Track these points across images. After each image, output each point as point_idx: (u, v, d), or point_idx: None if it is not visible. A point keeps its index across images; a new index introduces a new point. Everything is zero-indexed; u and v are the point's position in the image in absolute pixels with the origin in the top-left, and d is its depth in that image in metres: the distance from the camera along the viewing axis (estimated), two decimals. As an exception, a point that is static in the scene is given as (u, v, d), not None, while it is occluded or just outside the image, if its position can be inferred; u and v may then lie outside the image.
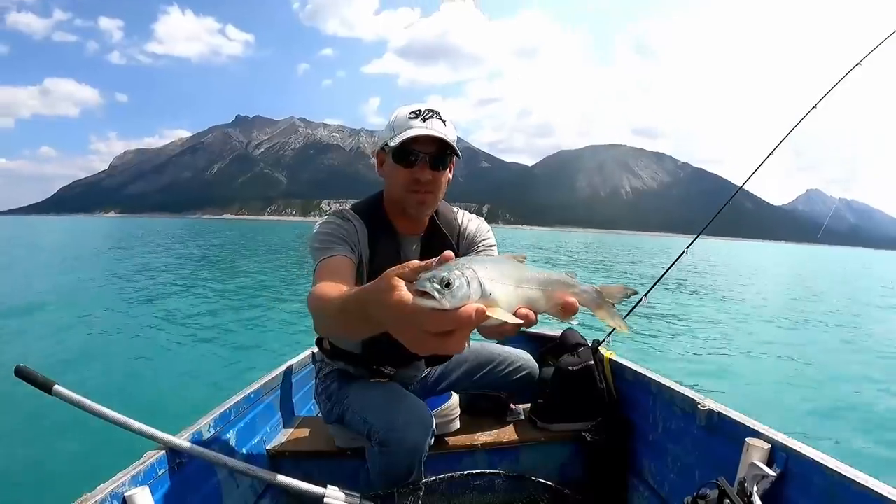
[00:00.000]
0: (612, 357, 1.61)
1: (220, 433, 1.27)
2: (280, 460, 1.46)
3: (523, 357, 1.61)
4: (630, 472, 1.47)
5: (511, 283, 0.54)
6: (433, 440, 1.22)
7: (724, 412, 1.12)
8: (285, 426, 1.64)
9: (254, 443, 1.44)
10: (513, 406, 1.64)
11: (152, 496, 0.95)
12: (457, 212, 1.41)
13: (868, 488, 0.77)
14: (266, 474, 1.14)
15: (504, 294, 0.52)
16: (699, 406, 1.18)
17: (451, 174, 1.28)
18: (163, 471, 1.03)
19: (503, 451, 1.50)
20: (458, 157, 1.23)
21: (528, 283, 0.56)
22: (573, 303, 0.58)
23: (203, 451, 1.10)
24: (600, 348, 1.67)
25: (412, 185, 1.19)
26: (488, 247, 1.36)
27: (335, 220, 1.22)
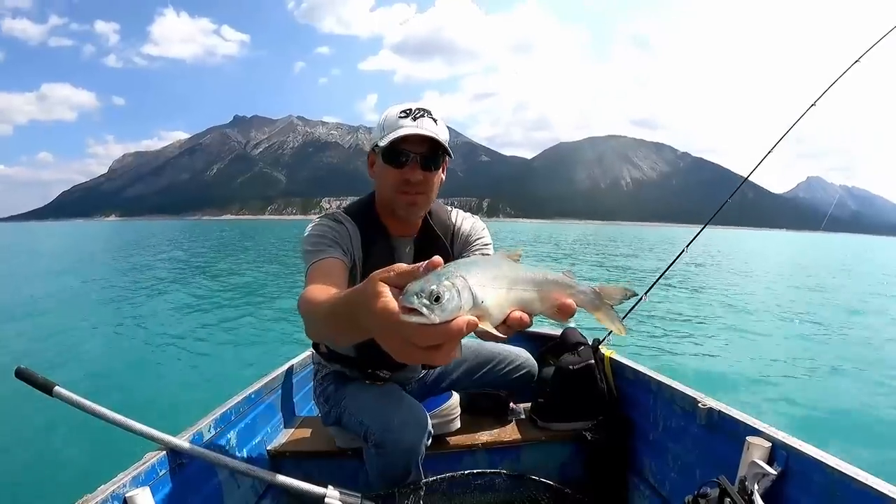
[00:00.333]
0: (612, 356, 1.61)
1: (220, 434, 1.27)
2: (281, 460, 1.46)
3: (523, 356, 1.62)
4: (631, 471, 1.47)
5: (503, 286, 0.51)
6: (432, 440, 1.23)
7: (724, 411, 1.11)
8: (286, 426, 1.64)
9: (254, 443, 1.44)
10: (513, 405, 1.64)
11: (153, 497, 0.95)
12: (450, 211, 1.39)
13: (868, 486, 0.77)
14: (267, 474, 1.15)
15: (496, 299, 0.49)
16: (699, 405, 1.17)
17: (443, 174, 1.25)
18: (163, 471, 1.03)
19: (504, 450, 1.51)
20: (450, 156, 1.21)
21: (522, 284, 0.53)
22: (570, 304, 0.56)
23: (204, 451, 1.10)
24: (601, 347, 1.67)
25: (403, 186, 1.17)
26: (483, 246, 1.34)
27: (327, 223, 1.21)
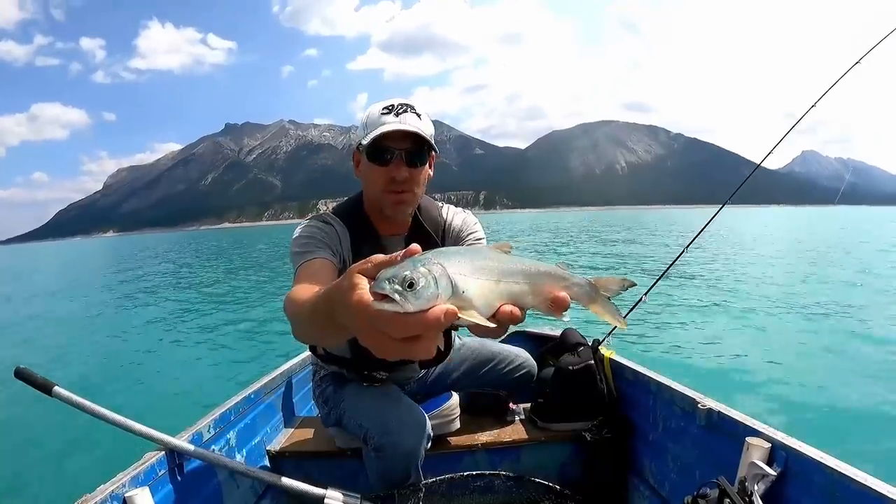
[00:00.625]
0: (612, 356, 1.60)
1: (220, 434, 1.27)
2: (280, 460, 1.46)
3: (523, 356, 1.61)
4: (630, 471, 1.47)
5: (489, 277, 0.48)
6: (431, 443, 1.22)
7: (724, 411, 1.11)
8: (285, 426, 1.65)
9: (254, 443, 1.44)
10: (513, 405, 1.64)
11: (152, 497, 0.95)
12: (441, 207, 1.37)
13: (868, 487, 0.76)
14: (267, 476, 1.15)
15: (480, 291, 0.46)
16: (699, 405, 1.17)
17: (431, 170, 1.23)
18: (163, 472, 1.03)
19: (503, 450, 1.50)
20: (435, 152, 1.19)
21: (511, 276, 0.50)
22: (563, 297, 0.53)
23: (203, 452, 1.10)
24: (600, 347, 1.66)
25: (389, 185, 1.15)
26: (476, 240, 1.32)
27: (315, 224, 1.21)
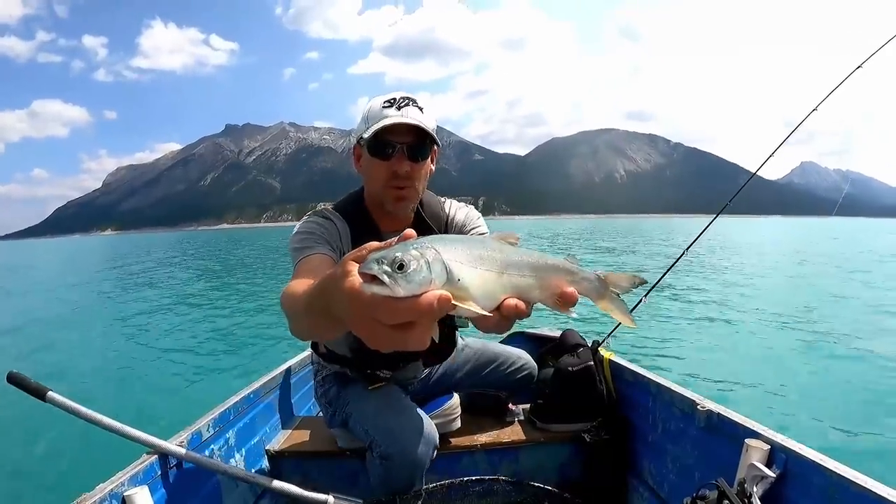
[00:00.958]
0: (611, 358, 1.60)
1: (219, 433, 1.26)
2: (280, 460, 1.45)
3: (524, 357, 1.61)
4: (629, 472, 1.47)
5: (491, 268, 0.46)
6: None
7: (723, 413, 1.11)
8: (285, 426, 1.64)
9: (253, 443, 1.43)
10: (512, 406, 1.64)
11: (151, 496, 0.94)
12: (444, 202, 1.35)
13: (867, 489, 0.77)
14: (267, 480, 1.14)
15: (480, 280, 0.44)
16: (699, 407, 1.17)
17: (433, 165, 1.21)
18: (162, 471, 1.02)
19: (503, 451, 1.50)
20: (438, 146, 1.17)
21: (516, 268, 0.48)
22: (571, 293, 0.51)
23: (203, 452, 1.10)
24: (600, 349, 1.66)
25: (391, 180, 1.13)
26: (479, 235, 1.28)
27: (315, 220, 1.18)
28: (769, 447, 0.95)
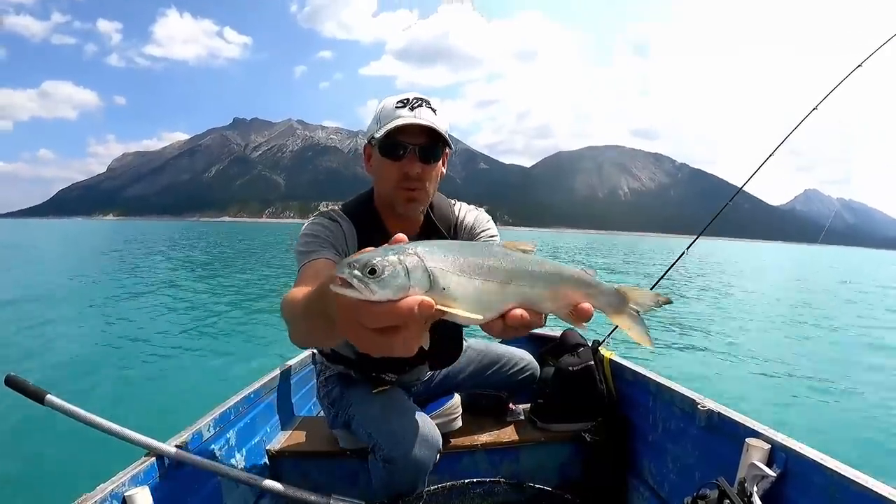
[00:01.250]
0: (612, 357, 1.61)
1: (219, 433, 1.26)
2: (280, 461, 1.45)
3: (526, 357, 1.61)
4: (630, 472, 1.47)
5: (489, 276, 0.44)
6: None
7: (724, 412, 1.11)
8: (285, 426, 1.63)
9: (254, 443, 1.43)
10: (513, 406, 1.64)
11: (152, 496, 0.94)
12: (454, 204, 1.33)
13: (868, 488, 0.77)
14: (267, 481, 1.14)
15: (473, 289, 0.43)
16: (699, 406, 1.17)
17: (444, 168, 1.19)
18: (162, 471, 1.02)
19: (503, 451, 1.50)
20: (450, 148, 1.15)
21: (525, 278, 0.46)
22: (587, 309, 0.49)
23: (203, 453, 1.10)
24: (600, 348, 1.67)
25: (401, 181, 1.11)
26: (489, 237, 1.29)
27: (321, 222, 1.17)
28: (770, 446, 0.96)
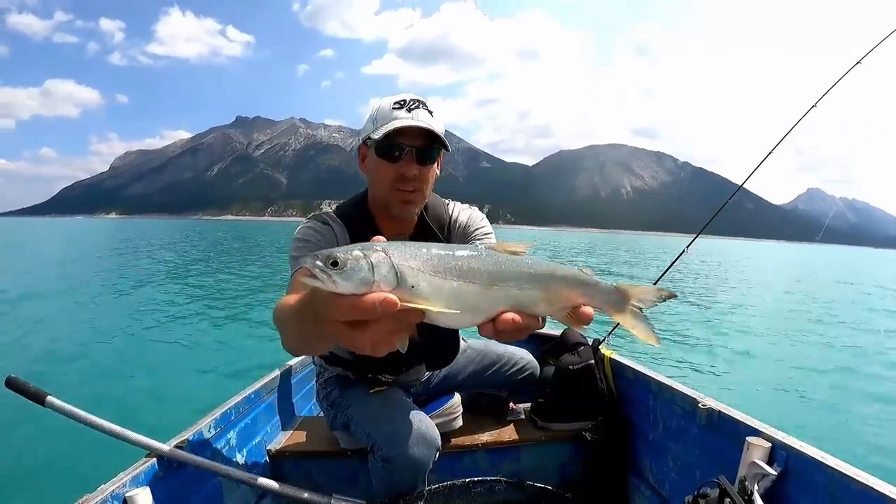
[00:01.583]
0: (612, 356, 1.61)
1: (220, 433, 1.26)
2: (281, 461, 1.45)
3: (526, 357, 1.61)
4: (630, 471, 1.47)
5: (470, 278, 0.43)
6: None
7: (724, 411, 1.11)
8: (286, 427, 1.64)
9: (254, 443, 1.43)
10: (513, 405, 1.64)
11: (153, 497, 0.94)
12: (447, 204, 1.33)
13: (868, 486, 0.77)
14: (268, 481, 1.14)
15: (449, 290, 0.42)
16: (700, 405, 1.17)
17: (438, 169, 1.19)
18: (164, 471, 1.02)
19: (504, 450, 1.50)
20: (446, 150, 1.15)
21: (514, 279, 0.45)
22: (587, 313, 0.47)
23: (204, 453, 1.10)
24: (601, 347, 1.67)
25: (397, 183, 1.11)
26: (484, 236, 1.29)
27: (313, 225, 1.17)
28: (770, 445, 0.96)
